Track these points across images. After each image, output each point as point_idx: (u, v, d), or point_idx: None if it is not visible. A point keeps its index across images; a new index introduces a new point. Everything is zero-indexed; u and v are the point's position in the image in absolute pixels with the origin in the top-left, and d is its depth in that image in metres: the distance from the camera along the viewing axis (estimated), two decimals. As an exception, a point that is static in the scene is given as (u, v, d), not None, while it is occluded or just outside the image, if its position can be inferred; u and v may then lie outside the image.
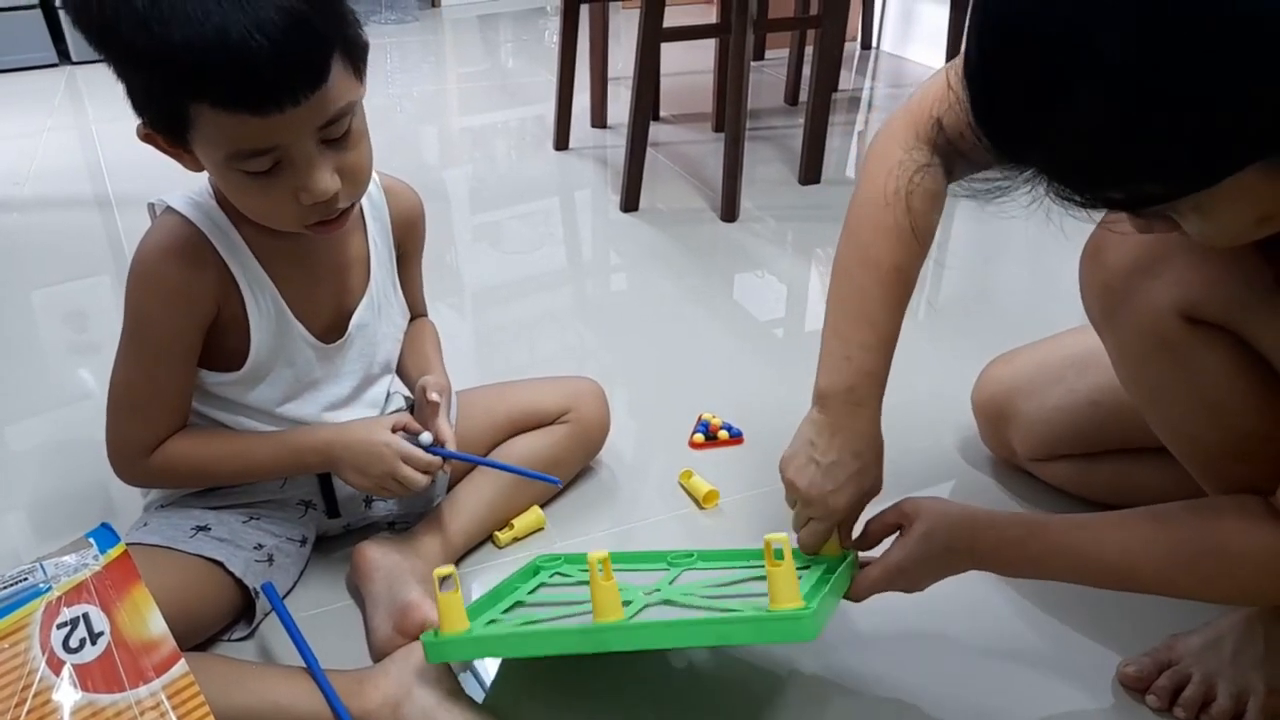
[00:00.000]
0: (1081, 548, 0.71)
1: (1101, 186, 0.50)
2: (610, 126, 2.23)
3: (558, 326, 1.46)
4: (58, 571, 0.69)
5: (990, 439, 1.06)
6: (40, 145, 2.14)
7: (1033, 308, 1.45)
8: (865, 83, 2.67)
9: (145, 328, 0.80)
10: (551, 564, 0.90)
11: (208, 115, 0.67)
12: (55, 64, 2.75)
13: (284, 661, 0.82)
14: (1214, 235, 0.53)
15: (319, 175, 0.71)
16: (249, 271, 0.80)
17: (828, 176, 1.92)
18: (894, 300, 0.77)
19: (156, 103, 0.69)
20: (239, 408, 0.85)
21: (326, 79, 0.68)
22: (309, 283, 0.84)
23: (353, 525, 0.97)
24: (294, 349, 0.84)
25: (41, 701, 0.63)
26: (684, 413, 1.18)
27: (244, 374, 0.83)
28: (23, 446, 1.14)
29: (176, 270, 0.77)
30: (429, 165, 2.09)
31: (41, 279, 1.54)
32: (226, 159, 0.70)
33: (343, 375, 0.90)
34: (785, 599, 0.64)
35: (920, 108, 0.77)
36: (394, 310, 0.93)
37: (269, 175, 0.71)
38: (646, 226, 1.74)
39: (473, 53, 3.12)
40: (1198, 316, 0.66)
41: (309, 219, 0.75)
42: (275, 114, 0.67)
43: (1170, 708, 0.78)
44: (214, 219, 0.79)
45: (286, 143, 0.69)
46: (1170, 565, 0.68)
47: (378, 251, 0.89)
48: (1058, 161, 0.50)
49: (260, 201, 0.74)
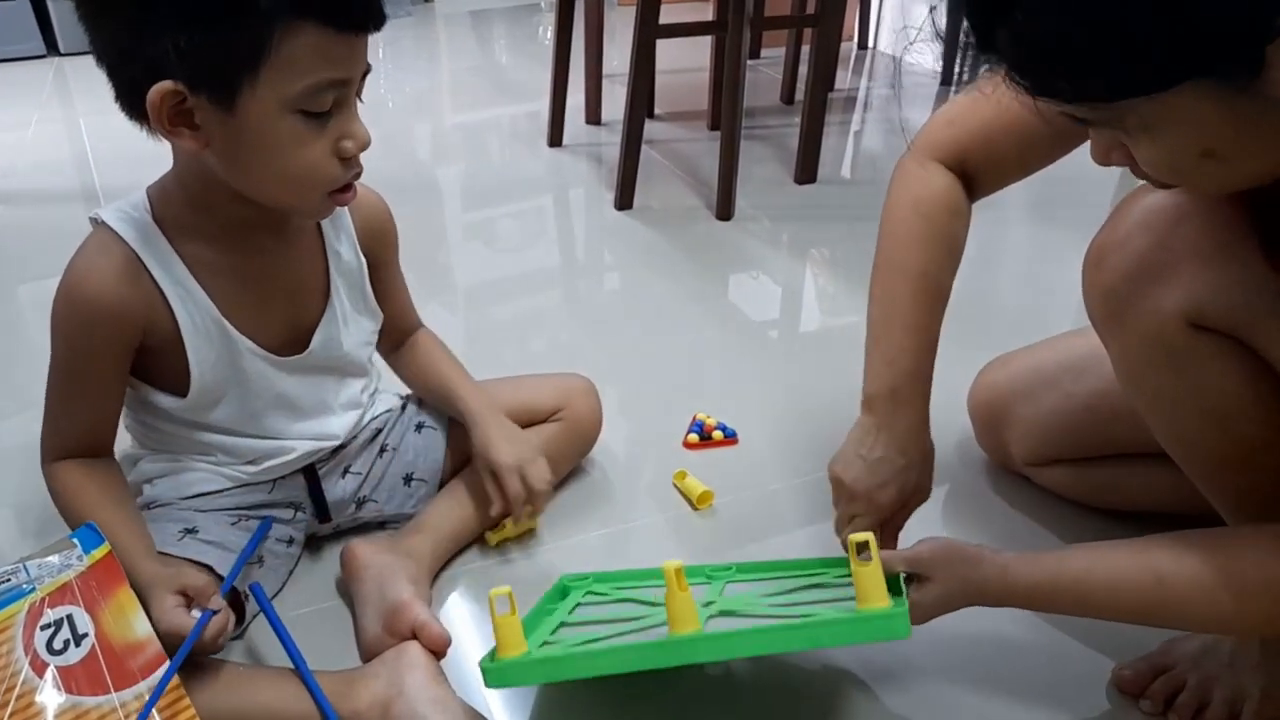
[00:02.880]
0: (1095, 598, 0.71)
1: (1052, 74, 0.53)
2: (605, 124, 2.22)
3: (550, 325, 1.45)
4: (41, 572, 0.68)
5: (986, 443, 1.06)
6: (28, 138, 2.12)
7: (1028, 310, 1.45)
8: (861, 82, 2.67)
9: (63, 348, 0.78)
10: (580, 583, 0.88)
11: (304, 36, 0.67)
12: (43, 55, 2.73)
13: (273, 663, 0.81)
14: (1160, 164, 0.56)
15: (359, 122, 0.73)
16: (184, 288, 0.78)
17: (823, 176, 1.91)
18: (926, 303, 0.80)
19: (238, 32, 0.66)
20: (204, 427, 0.84)
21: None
22: (256, 298, 0.82)
23: (342, 526, 0.96)
24: (245, 365, 0.82)
25: (25, 704, 0.62)
26: (678, 413, 1.17)
27: (193, 398, 0.81)
28: (6, 444, 1.13)
29: (97, 290, 0.75)
30: (421, 162, 2.08)
31: (27, 273, 1.53)
32: (303, 94, 0.69)
33: (310, 386, 0.88)
34: (874, 598, 0.65)
35: (935, 131, 0.84)
36: (363, 318, 0.91)
37: (320, 121, 0.71)
38: (641, 225, 1.73)
39: (466, 48, 3.10)
40: (1203, 323, 0.66)
41: (340, 180, 0.75)
42: (362, 36, 0.71)
43: (1165, 713, 0.77)
44: (147, 234, 0.77)
45: (355, 76, 0.72)
46: (1192, 601, 0.67)
47: (340, 261, 0.87)
48: (1016, 43, 0.53)
49: (306, 157, 0.72)
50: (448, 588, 0.91)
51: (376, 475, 0.95)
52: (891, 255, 0.82)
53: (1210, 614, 0.67)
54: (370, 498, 0.95)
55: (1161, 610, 0.69)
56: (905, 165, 0.85)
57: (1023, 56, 0.53)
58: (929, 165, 0.83)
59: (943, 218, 0.81)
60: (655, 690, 0.79)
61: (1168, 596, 0.67)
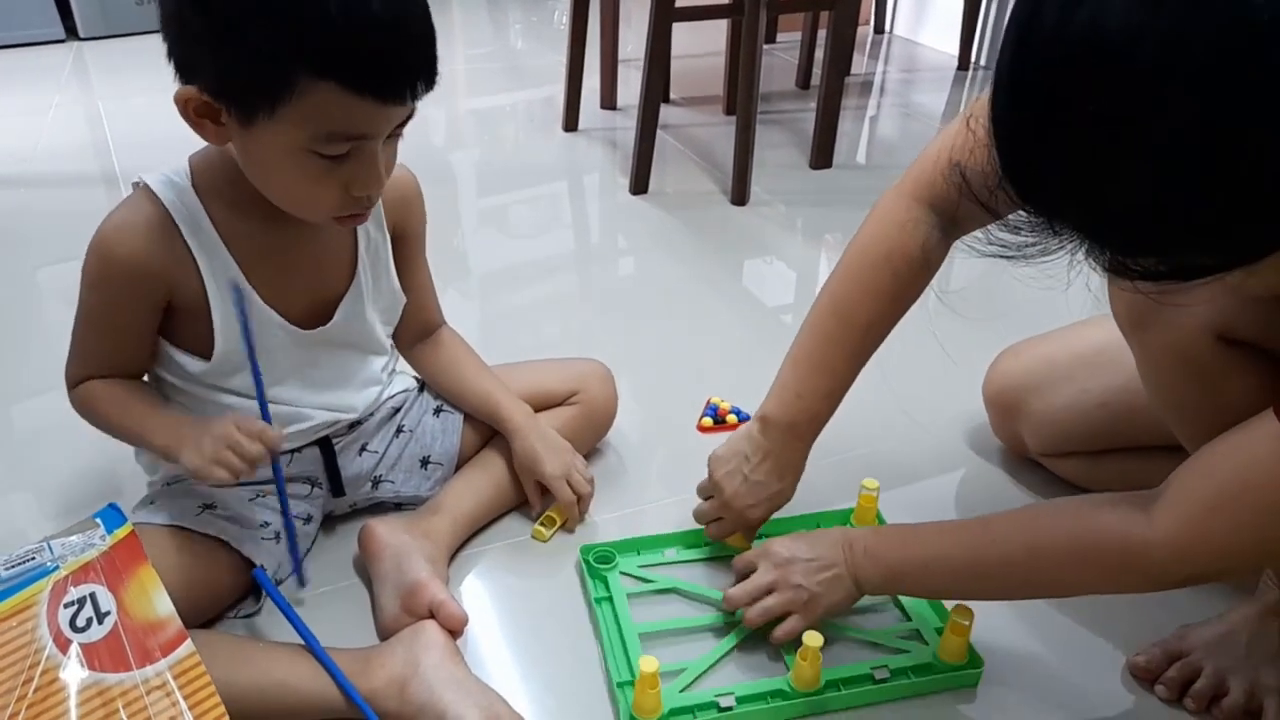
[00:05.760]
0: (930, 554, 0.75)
1: (1146, 255, 0.47)
2: (620, 108, 2.21)
3: (565, 310, 1.45)
4: (64, 551, 0.69)
5: (1001, 431, 1.05)
6: (47, 122, 2.13)
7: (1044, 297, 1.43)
8: (878, 67, 2.64)
9: (90, 299, 0.80)
10: (606, 566, 0.89)
11: (324, 93, 0.66)
12: (62, 40, 2.74)
13: (293, 639, 0.82)
14: (1256, 289, 0.52)
15: (380, 170, 0.72)
16: (214, 257, 0.79)
17: (839, 161, 1.90)
18: (858, 354, 0.83)
19: (258, 71, 0.66)
20: (224, 391, 0.84)
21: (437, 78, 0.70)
22: (283, 270, 0.82)
23: (359, 505, 0.97)
24: (267, 335, 0.83)
25: (49, 680, 0.63)
26: (692, 397, 1.17)
27: (216, 362, 0.82)
28: (29, 426, 1.14)
29: (129, 247, 0.76)
30: (436, 148, 2.08)
31: (47, 257, 1.54)
32: (313, 139, 0.69)
33: (331, 360, 0.89)
34: (955, 655, 0.80)
35: (922, 171, 0.79)
36: (387, 293, 0.91)
37: (335, 162, 0.70)
38: (655, 209, 1.73)
39: (481, 34, 3.09)
40: (1232, 336, 0.65)
41: (345, 210, 0.75)
42: (395, 105, 0.68)
43: (1179, 699, 0.77)
44: (185, 200, 0.78)
45: (378, 133, 0.70)
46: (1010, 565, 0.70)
47: (368, 238, 0.87)
48: (1098, 230, 0.47)
49: (309, 188, 0.73)
50: (465, 568, 0.92)
51: (393, 456, 0.96)
52: (845, 297, 0.83)
53: (1011, 579, 0.71)
54: (387, 478, 0.96)
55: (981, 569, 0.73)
56: (892, 202, 0.81)
57: (1109, 240, 0.47)
58: (915, 209, 0.79)
59: (910, 275, 0.80)
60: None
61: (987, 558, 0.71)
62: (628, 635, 0.81)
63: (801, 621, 0.79)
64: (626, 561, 0.90)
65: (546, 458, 0.94)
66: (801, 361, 0.85)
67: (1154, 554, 0.62)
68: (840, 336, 0.83)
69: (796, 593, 0.79)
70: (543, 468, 0.93)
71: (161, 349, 0.83)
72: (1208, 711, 0.77)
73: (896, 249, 0.79)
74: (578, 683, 0.80)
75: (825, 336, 0.84)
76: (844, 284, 0.83)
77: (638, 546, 0.92)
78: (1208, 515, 0.60)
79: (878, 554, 0.77)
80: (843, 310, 0.83)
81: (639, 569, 0.90)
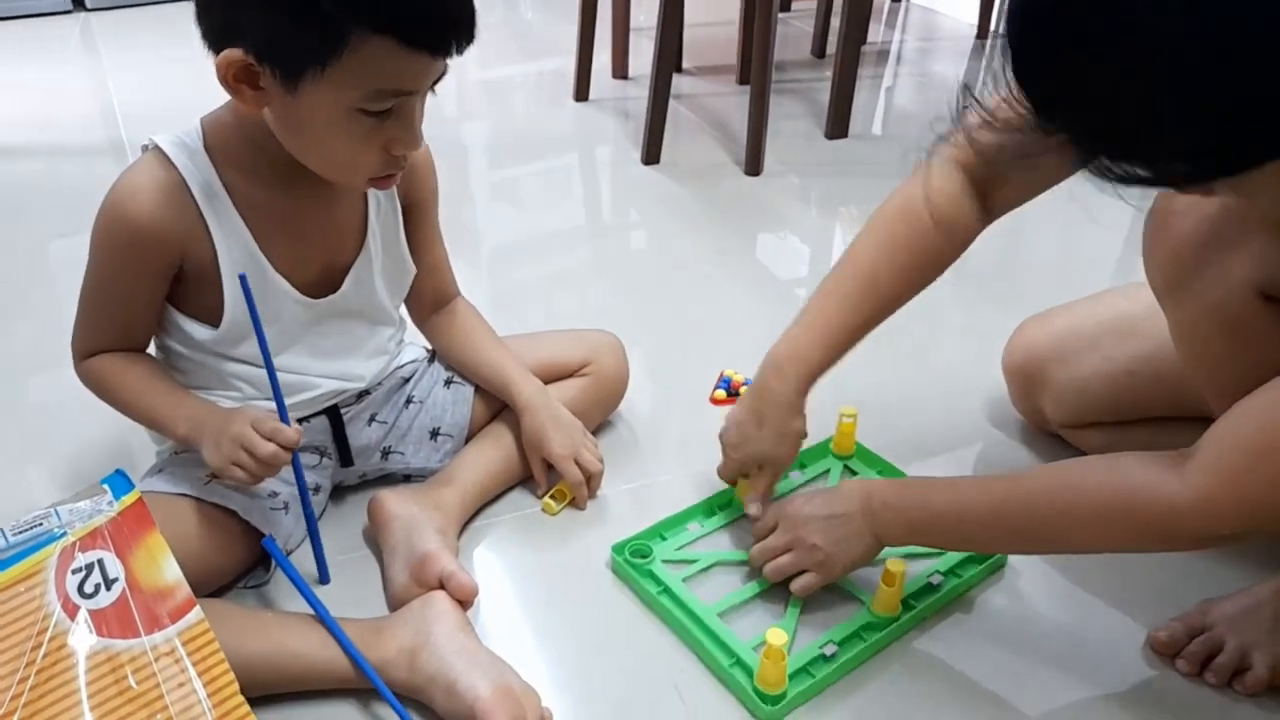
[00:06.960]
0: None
1: (1128, 159, 0.49)
2: (632, 78, 2.18)
3: (577, 281, 1.43)
4: (72, 518, 0.69)
5: (1021, 403, 1.04)
6: (55, 93, 2.12)
7: (1064, 268, 1.41)
8: (895, 35, 2.60)
9: (99, 262, 0.79)
10: (643, 561, 0.86)
11: (377, 48, 0.66)
12: (69, 10, 2.72)
13: (303, 609, 0.81)
14: (1249, 211, 0.53)
15: (418, 128, 0.73)
16: (225, 222, 0.78)
17: (855, 131, 1.87)
18: (861, 309, 0.82)
19: (312, 27, 0.65)
20: (232, 359, 0.84)
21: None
22: (295, 238, 0.81)
23: (369, 476, 0.96)
24: (277, 303, 0.82)
25: (57, 645, 0.63)
26: (704, 369, 1.16)
27: (225, 329, 0.81)
28: (39, 398, 1.14)
29: (142, 211, 0.75)
30: (447, 119, 2.06)
31: (57, 228, 1.53)
32: (365, 96, 0.69)
33: (339, 329, 0.88)
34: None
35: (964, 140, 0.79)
36: (397, 262, 0.90)
37: (376, 120, 0.70)
38: (668, 180, 1.71)
39: (491, 3, 3.06)
40: (1274, 293, 0.63)
41: (382, 171, 0.75)
42: (443, 58, 0.70)
43: (1201, 673, 0.76)
44: (198, 164, 0.77)
45: (421, 88, 0.71)
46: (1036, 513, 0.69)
47: (379, 207, 0.86)
48: (1086, 125, 0.49)
49: (352, 150, 0.72)
50: (474, 539, 0.91)
51: (403, 427, 0.95)
52: (858, 252, 0.83)
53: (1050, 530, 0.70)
54: (396, 449, 0.95)
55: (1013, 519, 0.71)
56: (927, 167, 0.81)
57: (1096, 137, 0.49)
58: (949, 170, 0.79)
59: (936, 233, 0.79)
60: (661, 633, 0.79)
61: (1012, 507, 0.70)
62: (708, 619, 0.80)
63: (818, 579, 0.79)
64: (660, 548, 0.89)
65: (554, 436, 0.92)
66: (807, 312, 0.85)
67: (1186, 512, 0.61)
68: (850, 290, 0.83)
69: (812, 552, 0.79)
70: (550, 446, 0.92)
71: (169, 316, 0.82)
72: (1229, 686, 0.75)
73: (923, 206, 0.79)
74: (587, 654, 0.80)
75: (838, 291, 0.83)
76: (861, 237, 0.83)
77: (660, 531, 0.90)
78: (1242, 472, 0.59)
79: (900, 506, 0.76)
80: (856, 261, 0.83)
81: (675, 552, 0.89)
